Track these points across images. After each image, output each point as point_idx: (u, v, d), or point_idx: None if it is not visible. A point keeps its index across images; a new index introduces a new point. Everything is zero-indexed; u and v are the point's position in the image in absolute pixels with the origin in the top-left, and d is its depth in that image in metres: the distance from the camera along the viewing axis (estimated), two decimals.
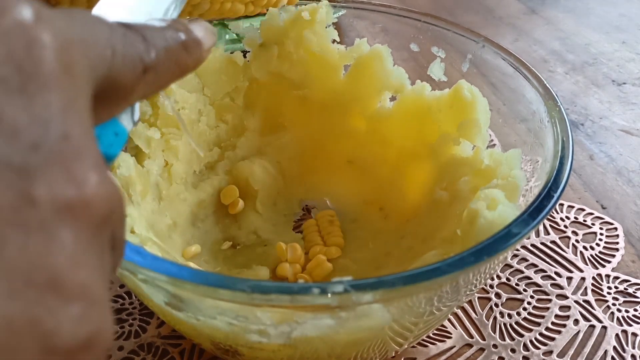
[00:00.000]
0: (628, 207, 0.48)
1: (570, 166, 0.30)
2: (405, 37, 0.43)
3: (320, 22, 0.41)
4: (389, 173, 0.43)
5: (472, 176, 0.36)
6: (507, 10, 0.80)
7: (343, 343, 0.28)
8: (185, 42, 0.21)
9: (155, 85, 0.19)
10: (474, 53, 0.40)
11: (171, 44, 0.20)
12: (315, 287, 0.23)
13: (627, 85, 0.63)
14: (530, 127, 0.36)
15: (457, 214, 0.35)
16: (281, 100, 0.44)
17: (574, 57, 0.69)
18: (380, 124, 0.42)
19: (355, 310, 0.26)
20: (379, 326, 0.27)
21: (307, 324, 0.26)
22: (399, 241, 0.39)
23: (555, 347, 0.37)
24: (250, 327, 0.27)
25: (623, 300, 0.40)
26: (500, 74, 0.39)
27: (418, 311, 0.28)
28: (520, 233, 0.26)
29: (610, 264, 0.42)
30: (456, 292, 0.28)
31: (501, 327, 0.38)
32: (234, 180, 0.43)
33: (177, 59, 0.20)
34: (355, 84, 0.42)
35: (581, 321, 0.38)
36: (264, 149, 0.45)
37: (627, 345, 0.37)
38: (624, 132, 0.56)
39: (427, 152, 0.40)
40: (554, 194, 0.28)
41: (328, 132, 0.44)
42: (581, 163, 0.52)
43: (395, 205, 0.42)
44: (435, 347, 0.37)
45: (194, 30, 0.21)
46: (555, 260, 0.43)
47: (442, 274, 0.24)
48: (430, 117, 0.39)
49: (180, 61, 0.20)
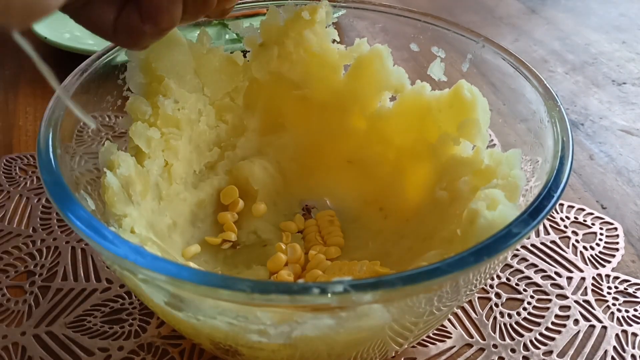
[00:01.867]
0: (628, 207, 0.48)
1: (570, 166, 0.30)
2: (405, 37, 0.43)
3: (320, 22, 0.41)
4: (389, 173, 0.43)
5: (472, 176, 0.36)
6: (507, 10, 0.80)
7: (343, 343, 0.28)
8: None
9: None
10: (474, 53, 0.40)
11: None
12: (315, 287, 0.23)
13: (627, 85, 0.63)
14: (531, 127, 0.36)
15: (457, 214, 0.35)
16: (281, 100, 0.44)
17: (574, 57, 0.69)
18: (380, 124, 0.42)
19: (355, 310, 0.26)
20: (378, 326, 0.27)
21: (307, 324, 0.26)
22: (399, 241, 0.39)
23: (555, 347, 0.37)
24: (250, 327, 0.27)
25: (623, 300, 0.40)
26: (500, 74, 0.39)
27: (418, 311, 0.28)
28: (521, 233, 0.26)
29: (610, 264, 0.42)
30: (456, 292, 0.28)
31: (501, 327, 0.38)
32: (234, 180, 0.43)
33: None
34: (355, 84, 0.42)
35: (581, 321, 0.38)
36: (264, 149, 0.45)
37: (627, 345, 0.37)
38: (624, 132, 0.56)
39: (427, 152, 0.40)
40: (554, 194, 0.28)
41: (328, 132, 0.44)
42: (581, 163, 0.52)
43: (395, 205, 0.42)
44: (435, 347, 0.37)
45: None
46: (555, 260, 0.43)
47: (442, 274, 0.24)
48: (430, 117, 0.39)
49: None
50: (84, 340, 0.36)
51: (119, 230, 0.32)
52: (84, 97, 0.35)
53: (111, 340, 0.36)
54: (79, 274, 0.41)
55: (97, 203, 0.33)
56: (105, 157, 0.35)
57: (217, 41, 0.58)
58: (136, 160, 0.36)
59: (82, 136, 0.37)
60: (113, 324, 0.38)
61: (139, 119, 0.37)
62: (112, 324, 0.37)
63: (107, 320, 0.38)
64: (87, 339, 0.37)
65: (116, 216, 0.33)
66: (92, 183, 0.33)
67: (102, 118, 0.40)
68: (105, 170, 0.34)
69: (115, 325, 0.37)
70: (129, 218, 0.33)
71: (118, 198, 0.33)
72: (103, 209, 0.33)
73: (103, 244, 0.25)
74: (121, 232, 0.32)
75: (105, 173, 0.33)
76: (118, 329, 0.37)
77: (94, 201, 0.32)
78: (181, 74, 0.39)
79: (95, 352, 0.36)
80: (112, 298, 0.39)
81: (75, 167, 0.33)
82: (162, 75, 0.38)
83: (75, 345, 0.36)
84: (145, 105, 0.37)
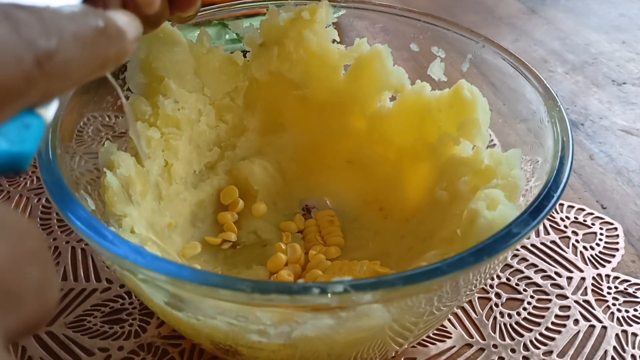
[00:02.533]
0: (628, 207, 0.48)
1: (570, 166, 0.30)
2: (405, 37, 0.43)
3: (320, 22, 0.41)
4: (389, 173, 0.42)
5: (472, 176, 0.36)
6: (507, 10, 0.80)
7: (343, 343, 0.28)
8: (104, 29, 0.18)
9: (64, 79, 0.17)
10: (474, 53, 0.40)
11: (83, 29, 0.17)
12: (315, 287, 0.23)
13: (627, 85, 0.63)
14: (530, 127, 0.36)
15: (457, 214, 0.35)
16: (281, 100, 0.44)
17: (574, 57, 0.69)
18: (380, 124, 0.42)
19: (355, 310, 0.26)
20: (378, 326, 0.27)
21: (307, 324, 0.26)
22: (399, 241, 0.39)
23: (555, 347, 0.37)
24: (250, 327, 0.27)
25: (623, 300, 0.40)
26: (500, 74, 0.39)
27: (418, 311, 0.28)
28: (521, 233, 0.26)
29: (610, 264, 0.42)
30: (456, 292, 0.28)
31: (501, 327, 0.38)
32: (234, 180, 0.43)
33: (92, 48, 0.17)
34: (355, 84, 0.42)
35: (581, 321, 0.38)
36: (264, 148, 0.45)
37: (627, 345, 0.37)
38: (624, 132, 0.56)
39: (427, 152, 0.40)
40: (554, 194, 0.28)
41: (328, 132, 0.44)
42: (581, 163, 0.52)
43: (395, 205, 0.42)
44: (435, 347, 0.37)
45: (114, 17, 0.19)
46: (555, 260, 0.43)
47: (442, 274, 0.24)
48: (430, 117, 0.39)
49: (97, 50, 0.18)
50: (84, 340, 0.36)
51: (119, 230, 0.32)
52: (84, 97, 0.35)
53: (111, 340, 0.36)
54: (79, 274, 0.41)
55: (97, 203, 0.33)
56: (105, 157, 0.35)
57: (217, 41, 0.58)
58: (136, 160, 0.36)
59: (82, 136, 0.37)
60: (113, 324, 0.37)
61: (139, 119, 0.37)
62: (112, 324, 0.37)
63: (107, 320, 0.38)
64: (87, 339, 0.37)
65: (116, 216, 0.33)
66: (92, 183, 0.33)
67: (102, 118, 0.40)
68: (105, 170, 0.34)
69: (115, 325, 0.37)
70: (128, 218, 0.33)
71: (118, 198, 0.33)
72: (103, 209, 0.33)
73: (103, 244, 0.25)
74: (121, 232, 0.32)
75: (105, 173, 0.33)
76: (118, 329, 0.37)
77: (94, 201, 0.32)
78: (181, 74, 0.39)
79: (95, 352, 0.36)
80: (112, 298, 0.39)
81: (75, 167, 0.33)
82: (162, 75, 0.38)
83: (75, 345, 0.36)
84: (145, 105, 0.37)
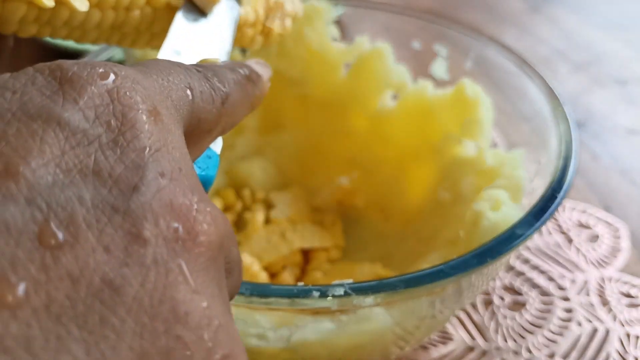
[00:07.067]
0: (632, 208, 0.47)
1: (574, 167, 0.30)
2: (407, 35, 0.43)
3: (320, 20, 0.40)
4: (391, 173, 0.42)
5: (475, 176, 0.36)
6: (510, 8, 0.79)
7: (343, 347, 0.28)
8: (249, 75, 0.23)
9: (232, 117, 0.21)
10: (477, 52, 0.40)
11: (239, 77, 0.22)
12: (315, 290, 0.23)
13: (631, 85, 0.63)
14: (534, 126, 0.36)
15: (460, 215, 0.34)
16: (280, 99, 0.43)
17: (577, 56, 0.68)
18: (382, 123, 0.42)
19: (356, 313, 0.25)
20: (380, 330, 0.27)
21: (307, 328, 0.26)
22: (401, 243, 0.39)
23: (558, 350, 0.36)
24: (248, 331, 0.26)
25: (627, 302, 0.39)
26: (503, 73, 0.38)
27: (420, 314, 0.28)
28: (524, 234, 0.26)
29: (614, 266, 0.42)
30: (459, 295, 0.28)
31: (504, 330, 0.38)
32: (233, 181, 0.43)
33: (246, 91, 0.22)
34: (356, 82, 0.41)
35: (584, 323, 0.38)
36: (263, 148, 0.44)
37: (630, 348, 0.37)
38: (628, 131, 0.56)
39: (430, 151, 0.40)
40: (557, 194, 0.28)
41: (328, 131, 0.43)
42: (585, 163, 0.52)
43: (397, 205, 0.41)
44: (437, 350, 0.36)
45: (252, 65, 0.24)
46: (558, 262, 0.42)
47: (445, 277, 0.24)
48: (432, 116, 0.39)
49: (248, 93, 0.22)
50: None
51: None
52: None
53: None
54: None
55: None
56: None
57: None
58: None
59: None
60: None
61: None
62: None
63: None
64: None
65: None
66: None
67: None
68: None
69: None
70: None
71: None
72: None
73: None
74: None
75: None
76: None
77: None
78: None
79: None
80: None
81: None
82: None
83: None
84: None
